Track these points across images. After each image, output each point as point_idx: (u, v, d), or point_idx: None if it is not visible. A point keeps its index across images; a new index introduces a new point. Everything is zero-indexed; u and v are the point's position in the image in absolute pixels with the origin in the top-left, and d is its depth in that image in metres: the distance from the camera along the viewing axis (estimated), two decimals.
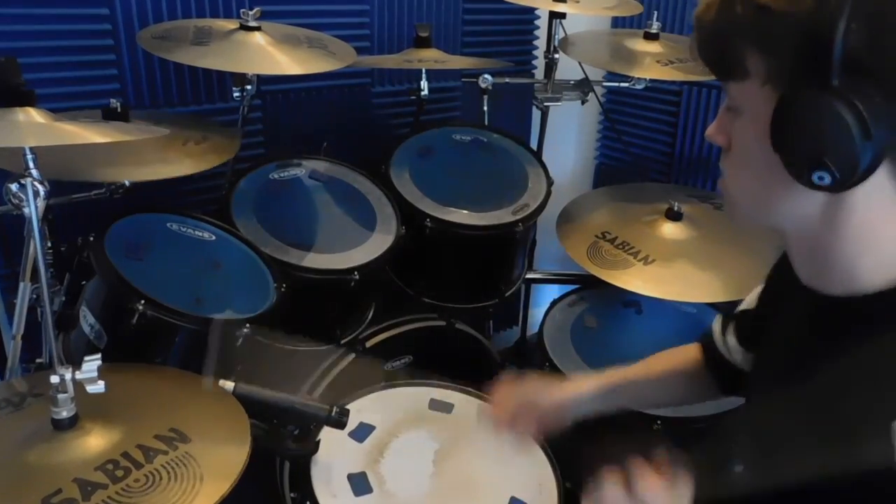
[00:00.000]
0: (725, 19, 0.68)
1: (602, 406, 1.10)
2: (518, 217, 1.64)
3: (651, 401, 1.18)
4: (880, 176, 0.64)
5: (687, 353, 1.11)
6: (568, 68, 1.96)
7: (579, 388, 1.10)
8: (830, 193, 0.66)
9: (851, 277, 0.70)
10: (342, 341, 1.57)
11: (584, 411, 1.10)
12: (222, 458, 0.92)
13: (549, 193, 1.73)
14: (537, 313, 2.00)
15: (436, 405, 1.38)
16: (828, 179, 0.63)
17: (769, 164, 0.67)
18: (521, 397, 1.10)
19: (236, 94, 1.61)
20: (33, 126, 1.02)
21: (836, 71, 0.60)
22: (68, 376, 0.90)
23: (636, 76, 1.86)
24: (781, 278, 0.87)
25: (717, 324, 1.07)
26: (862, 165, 0.61)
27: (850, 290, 0.70)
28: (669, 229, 1.74)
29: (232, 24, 1.49)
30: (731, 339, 1.02)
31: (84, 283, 1.28)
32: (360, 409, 1.32)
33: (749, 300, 1.00)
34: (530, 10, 2.32)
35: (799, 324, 0.81)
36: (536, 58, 2.39)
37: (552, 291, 2.25)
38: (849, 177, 0.63)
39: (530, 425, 1.10)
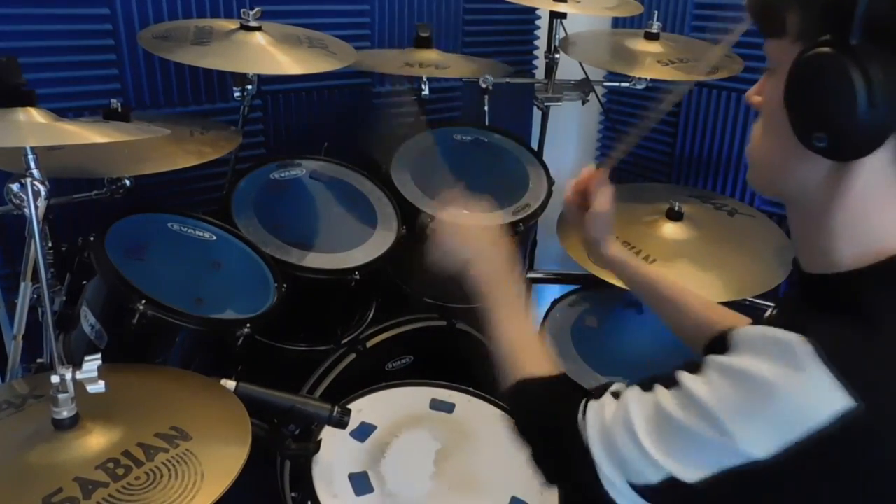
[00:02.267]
0: None
1: (616, 271, 1.18)
2: (519, 217, 1.64)
3: (661, 313, 1.16)
4: (883, 159, 0.63)
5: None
6: (568, 68, 1.96)
7: (609, 249, 1.17)
8: (833, 164, 0.65)
9: (826, 256, 0.69)
10: (342, 341, 1.57)
11: (601, 260, 1.18)
12: (223, 455, 0.91)
13: (549, 193, 1.73)
14: (538, 313, 2.00)
15: (437, 405, 1.38)
16: (824, 142, 0.62)
17: (786, 124, 0.66)
18: (590, 222, 1.16)
19: (237, 94, 1.61)
20: (34, 126, 1.02)
21: (855, 30, 0.59)
22: (69, 376, 0.90)
23: (637, 76, 1.85)
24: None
25: None
26: (860, 134, 0.60)
27: (826, 268, 0.69)
28: (670, 229, 1.74)
29: (232, 24, 1.49)
30: None
31: (85, 282, 1.28)
32: (361, 409, 1.32)
33: None
34: (531, 10, 2.32)
35: (793, 303, 0.81)
36: (537, 58, 2.39)
37: (553, 291, 2.25)
38: (844, 143, 0.62)
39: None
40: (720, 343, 0.67)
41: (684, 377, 0.67)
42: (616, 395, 0.74)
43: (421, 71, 1.78)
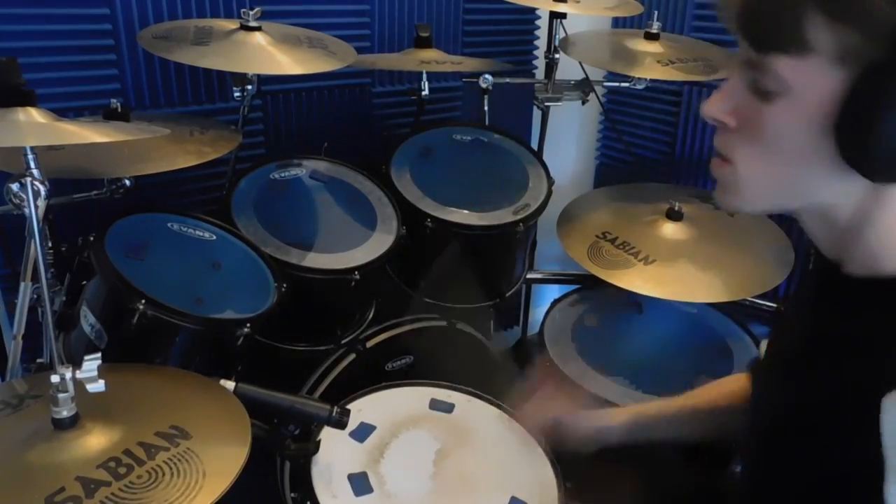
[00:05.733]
0: None
1: (635, 438, 1.07)
2: (519, 217, 1.64)
3: (691, 434, 1.08)
4: None
5: (736, 383, 1.06)
6: (568, 68, 1.96)
7: (613, 420, 1.08)
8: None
9: (877, 260, 0.67)
10: (342, 341, 1.57)
11: (614, 441, 1.07)
12: (224, 452, 0.92)
13: (549, 193, 1.73)
14: (538, 313, 2.00)
15: (436, 405, 1.38)
16: None
17: (811, 150, 0.61)
18: (554, 416, 1.07)
19: (237, 94, 1.61)
20: (33, 126, 1.02)
21: None
22: (68, 376, 0.90)
23: (636, 76, 1.85)
24: (803, 274, 0.85)
25: (763, 346, 1.03)
26: None
27: (872, 271, 0.67)
28: (670, 229, 1.74)
29: (232, 24, 1.49)
30: None
31: (84, 282, 1.28)
32: (361, 409, 1.32)
33: None
34: (531, 10, 2.32)
35: (808, 308, 0.79)
36: (537, 58, 2.40)
37: (553, 291, 2.25)
38: None
39: (555, 442, 1.07)
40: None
41: None
42: None
43: (421, 66, 1.78)
